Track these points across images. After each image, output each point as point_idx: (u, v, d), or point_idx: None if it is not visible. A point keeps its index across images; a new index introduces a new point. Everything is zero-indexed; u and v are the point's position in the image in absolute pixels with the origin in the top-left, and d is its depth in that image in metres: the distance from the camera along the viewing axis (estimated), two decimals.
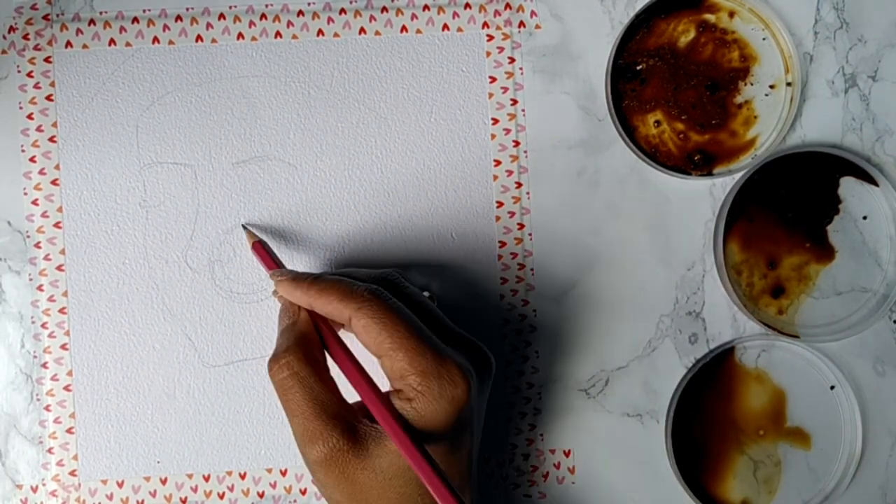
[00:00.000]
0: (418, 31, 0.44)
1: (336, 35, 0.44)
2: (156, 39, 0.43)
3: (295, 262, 0.43)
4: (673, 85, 0.44)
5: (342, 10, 0.44)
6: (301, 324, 0.36)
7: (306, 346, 0.35)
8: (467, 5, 0.44)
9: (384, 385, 0.35)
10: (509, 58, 0.44)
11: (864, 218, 0.45)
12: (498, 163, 0.44)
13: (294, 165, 0.43)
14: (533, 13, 0.44)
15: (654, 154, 0.44)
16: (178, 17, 0.43)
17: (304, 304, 0.36)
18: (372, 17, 0.44)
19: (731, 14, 0.44)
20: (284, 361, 0.35)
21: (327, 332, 0.36)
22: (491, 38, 0.44)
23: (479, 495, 0.38)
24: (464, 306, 0.44)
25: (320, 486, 0.36)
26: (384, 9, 0.44)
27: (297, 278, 0.37)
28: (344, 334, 0.37)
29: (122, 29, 0.43)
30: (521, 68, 0.44)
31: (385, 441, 0.34)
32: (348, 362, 0.35)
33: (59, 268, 0.43)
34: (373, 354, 0.35)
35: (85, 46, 0.43)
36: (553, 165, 0.44)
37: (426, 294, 0.38)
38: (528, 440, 0.44)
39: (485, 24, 0.44)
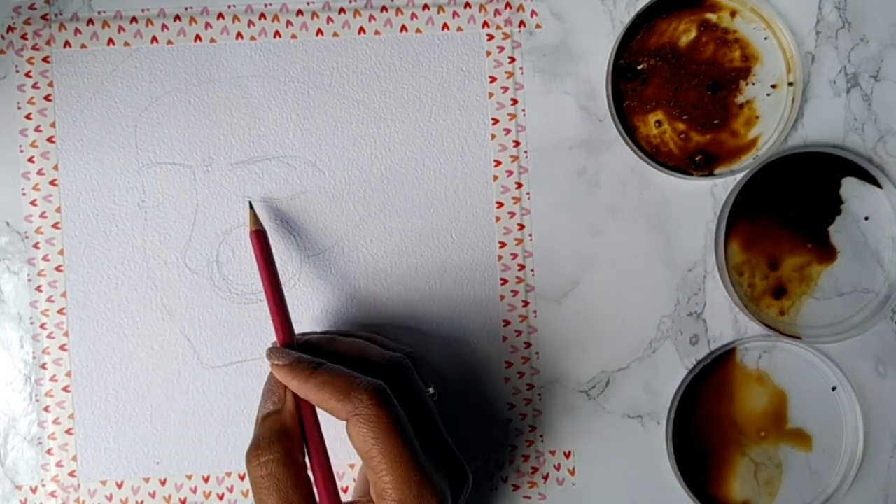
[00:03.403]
0: (418, 31, 0.44)
1: (335, 35, 0.44)
2: (154, 39, 0.43)
3: (294, 262, 0.43)
4: (674, 85, 0.44)
5: (341, 10, 0.43)
6: (286, 417, 0.36)
7: (287, 445, 0.35)
8: (467, 5, 0.44)
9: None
10: (509, 57, 0.44)
11: (866, 218, 0.44)
12: (498, 163, 0.44)
13: (293, 166, 0.43)
14: (533, 12, 0.44)
15: (655, 154, 0.44)
16: (177, 17, 0.43)
17: (300, 395, 0.36)
18: (371, 17, 0.44)
19: (733, 13, 0.44)
20: (265, 460, 0.34)
21: (311, 430, 0.36)
22: (491, 37, 0.44)
23: None
24: (463, 307, 0.43)
25: None
26: (384, 8, 0.44)
27: (296, 367, 0.36)
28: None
29: (120, 28, 0.43)
30: (521, 68, 0.44)
31: None
32: (320, 472, 0.35)
33: (57, 268, 0.43)
34: (358, 454, 0.34)
35: (83, 46, 0.43)
36: (553, 165, 0.44)
37: (429, 391, 0.38)
38: (529, 441, 0.44)
39: (485, 24, 0.44)
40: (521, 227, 0.44)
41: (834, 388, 0.44)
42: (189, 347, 0.43)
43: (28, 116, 0.43)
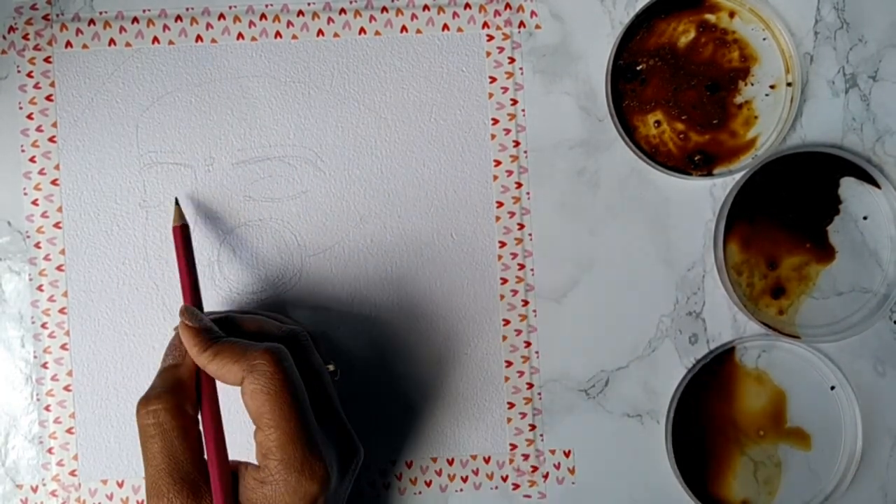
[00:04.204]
0: (418, 31, 0.44)
1: (336, 35, 0.44)
2: (156, 39, 0.43)
3: (295, 262, 0.43)
4: (673, 85, 0.44)
5: (342, 10, 0.44)
6: (183, 371, 0.36)
7: (179, 397, 0.35)
8: (467, 5, 0.44)
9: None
10: (509, 58, 0.44)
11: (865, 218, 0.44)
12: (498, 163, 0.44)
13: (294, 166, 0.43)
14: (533, 13, 0.44)
15: (655, 154, 0.44)
16: (178, 17, 0.43)
17: (198, 363, 0.35)
18: (372, 17, 0.44)
19: (732, 14, 0.44)
20: (153, 409, 0.34)
21: (206, 390, 0.36)
22: (491, 38, 0.44)
23: None
24: (463, 307, 0.44)
25: None
26: (384, 9, 0.44)
27: (202, 333, 0.35)
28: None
29: (121, 29, 0.43)
30: (521, 68, 0.44)
31: None
32: (212, 431, 0.35)
33: (58, 268, 0.43)
34: (251, 418, 0.34)
35: (85, 46, 0.43)
36: (553, 165, 0.44)
37: (329, 367, 0.38)
38: (529, 441, 0.44)
39: (485, 24, 0.44)
40: (521, 226, 0.44)
41: (833, 388, 0.45)
42: None
43: (30, 116, 0.43)
